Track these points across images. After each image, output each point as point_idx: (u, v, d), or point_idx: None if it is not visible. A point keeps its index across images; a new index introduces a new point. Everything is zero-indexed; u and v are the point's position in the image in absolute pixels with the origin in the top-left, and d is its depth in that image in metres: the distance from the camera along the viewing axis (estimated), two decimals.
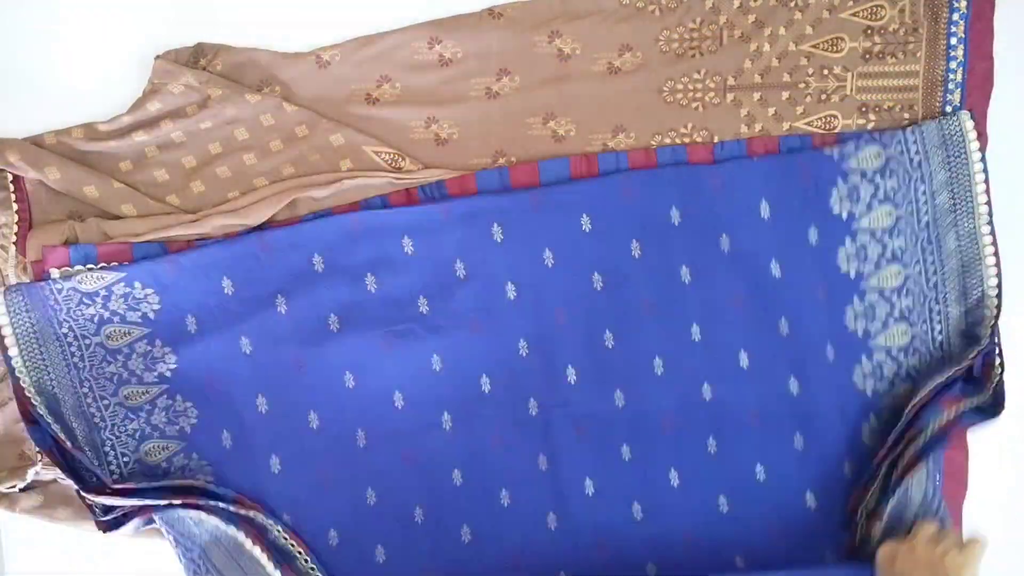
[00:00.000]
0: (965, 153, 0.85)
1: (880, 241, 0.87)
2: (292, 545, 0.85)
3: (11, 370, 0.81)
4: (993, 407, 0.84)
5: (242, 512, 0.82)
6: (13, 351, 0.81)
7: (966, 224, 0.87)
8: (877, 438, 0.87)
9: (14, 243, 0.86)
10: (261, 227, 0.87)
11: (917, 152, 0.86)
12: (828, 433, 0.88)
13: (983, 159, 0.86)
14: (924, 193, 0.87)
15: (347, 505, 0.87)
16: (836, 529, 0.88)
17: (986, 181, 0.86)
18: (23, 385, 0.81)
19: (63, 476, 0.85)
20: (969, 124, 0.85)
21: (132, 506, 0.80)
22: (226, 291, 0.84)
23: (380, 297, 0.86)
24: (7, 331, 0.81)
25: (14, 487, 0.86)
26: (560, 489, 0.88)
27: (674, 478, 0.88)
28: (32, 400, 0.81)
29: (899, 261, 0.87)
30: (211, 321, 0.84)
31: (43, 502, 0.87)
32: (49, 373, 0.82)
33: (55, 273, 0.83)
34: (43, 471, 0.86)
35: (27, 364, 0.82)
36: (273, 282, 0.85)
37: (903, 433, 0.84)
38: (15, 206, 0.86)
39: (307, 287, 0.86)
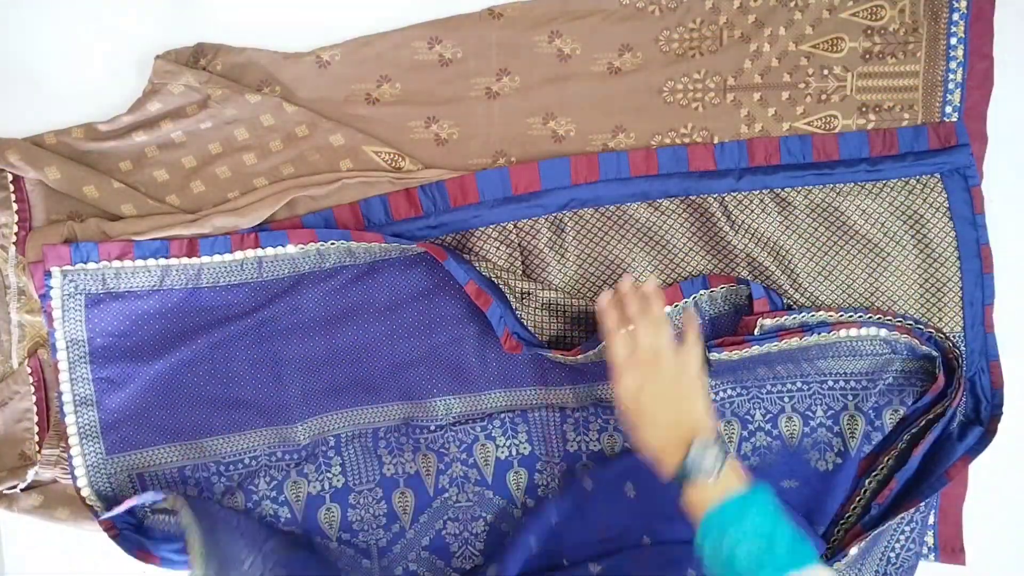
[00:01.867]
0: None
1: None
2: None
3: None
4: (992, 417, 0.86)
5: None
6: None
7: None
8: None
9: (14, 243, 0.86)
10: (259, 227, 0.87)
11: None
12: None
13: None
14: None
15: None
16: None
17: None
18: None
19: (63, 476, 0.85)
20: None
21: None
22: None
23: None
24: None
25: (14, 487, 0.86)
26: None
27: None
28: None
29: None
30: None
31: (43, 502, 0.87)
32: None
33: (56, 272, 0.83)
34: (43, 471, 0.86)
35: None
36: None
37: (886, 447, 0.86)
38: (15, 206, 0.87)
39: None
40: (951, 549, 0.91)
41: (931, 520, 0.91)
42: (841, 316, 0.85)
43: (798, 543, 0.62)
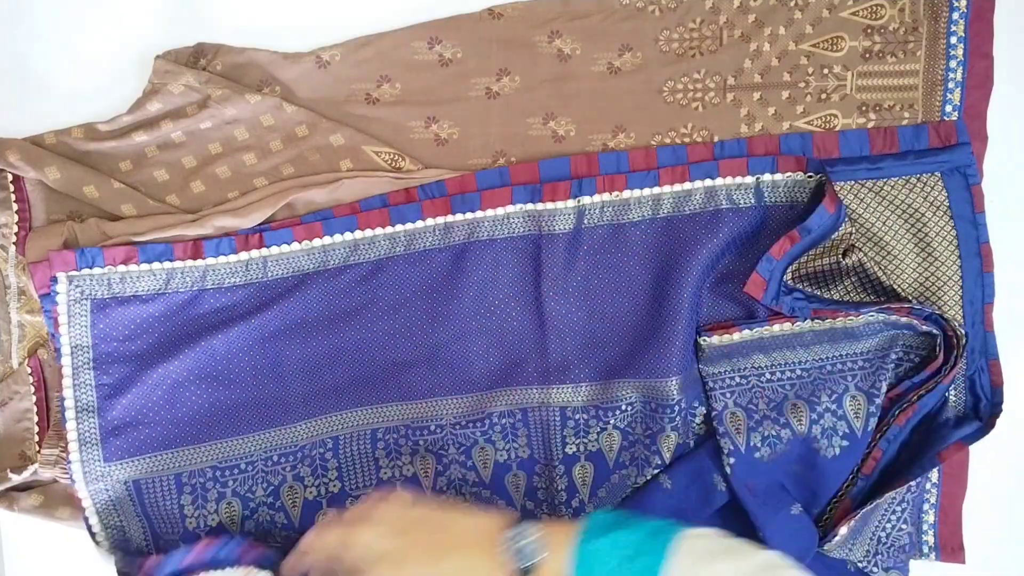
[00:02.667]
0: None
1: None
2: None
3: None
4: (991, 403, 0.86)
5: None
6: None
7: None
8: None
9: (14, 243, 0.87)
10: (261, 224, 0.87)
11: None
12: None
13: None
14: None
15: None
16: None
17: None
18: None
19: (63, 476, 0.85)
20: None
21: None
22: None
23: None
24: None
25: (14, 487, 0.86)
26: None
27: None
28: None
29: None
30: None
31: (43, 502, 0.87)
32: None
33: (62, 277, 0.83)
34: (43, 471, 0.86)
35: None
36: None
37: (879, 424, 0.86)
38: (15, 206, 0.87)
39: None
40: (951, 548, 0.91)
41: (931, 520, 0.91)
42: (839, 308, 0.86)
43: (648, 536, 0.59)
